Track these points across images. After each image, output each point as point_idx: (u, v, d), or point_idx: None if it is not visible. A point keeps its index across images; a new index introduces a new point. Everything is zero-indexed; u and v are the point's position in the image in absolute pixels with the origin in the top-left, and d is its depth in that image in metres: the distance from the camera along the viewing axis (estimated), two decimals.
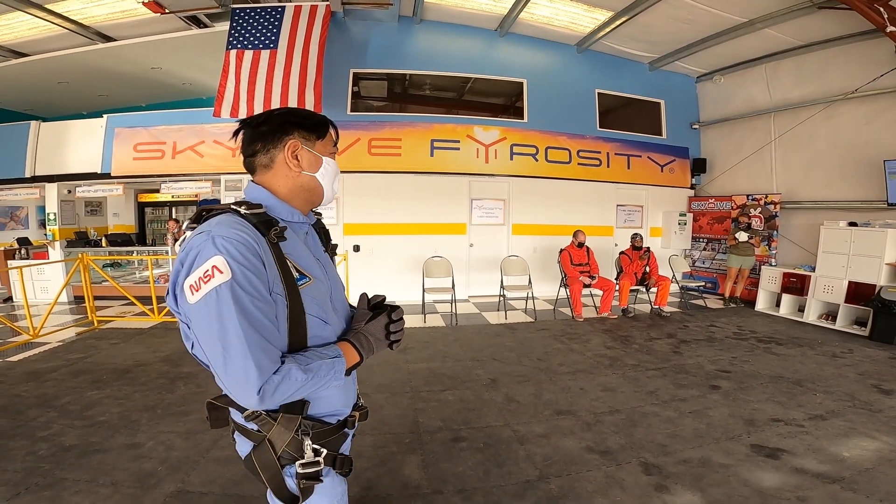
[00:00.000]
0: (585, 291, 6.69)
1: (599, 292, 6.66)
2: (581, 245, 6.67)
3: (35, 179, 7.52)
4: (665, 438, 2.93)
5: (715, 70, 8.40)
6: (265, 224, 0.98)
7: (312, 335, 1.03)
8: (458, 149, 7.62)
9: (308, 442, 1.06)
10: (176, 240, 7.34)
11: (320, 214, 1.30)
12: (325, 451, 1.09)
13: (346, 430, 1.17)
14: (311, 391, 0.99)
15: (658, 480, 2.46)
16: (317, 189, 1.13)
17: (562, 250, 6.72)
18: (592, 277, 6.49)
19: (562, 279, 6.75)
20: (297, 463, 1.05)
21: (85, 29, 6.65)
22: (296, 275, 1.01)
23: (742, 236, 7.04)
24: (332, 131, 1.16)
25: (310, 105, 6.21)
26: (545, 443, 2.89)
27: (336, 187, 1.18)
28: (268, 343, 0.91)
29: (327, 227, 1.33)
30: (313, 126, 1.11)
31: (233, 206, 1.00)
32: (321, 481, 1.08)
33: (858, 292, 5.68)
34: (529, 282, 6.71)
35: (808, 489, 2.36)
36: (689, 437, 2.94)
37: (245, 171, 1.11)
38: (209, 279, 0.87)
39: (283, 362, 0.93)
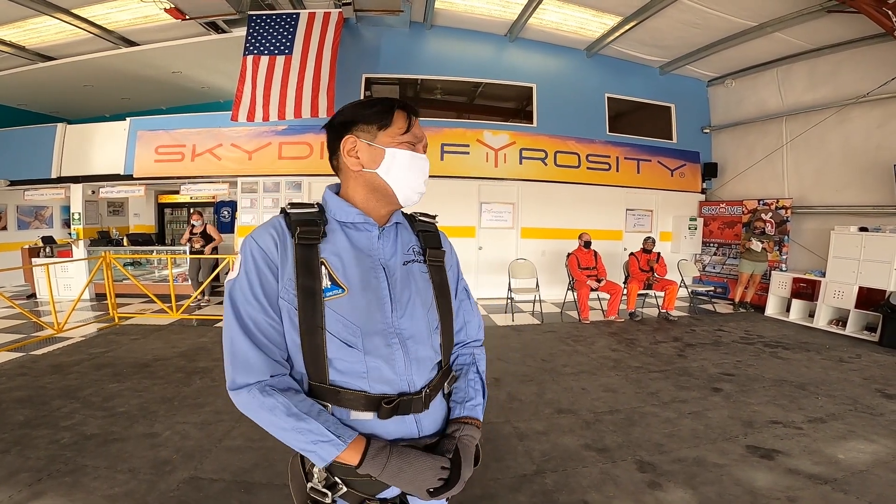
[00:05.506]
0: (593, 295, 6.72)
1: (607, 296, 6.70)
2: (588, 245, 6.71)
3: (61, 180, 7.79)
4: (662, 438, 2.99)
5: (726, 74, 8.38)
6: (299, 223, 0.93)
7: (334, 357, 0.90)
8: (467, 153, 7.72)
9: (319, 468, 0.92)
10: (193, 230, 7.18)
11: (432, 217, 1.17)
12: (343, 487, 0.91)
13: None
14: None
15: (652, 478, 2.52)
16: (384, 187, 0.98)
17: (569, 254, 6.77)
18: (600, 281, 6.52)
19: (569, 283, 6.80)
20: (309, 485, 0.93)
21: (109, 33, 6.90)
22: (327, 283, 0.90)
23: (757, 246, 6.98)
24: (401, 114, 0.97)
25: (322, 109, 6.36)
26: (544, 439, 2.97)
27: (416, 181, 0.98)
28: (253, 351, 0.87)
29: (437, 230, 1.16)
30: (374, 115, 0.96)
31: (288, 204, 0.99)
32: None
33: (869, 298, 5.64)
34: (537, 285, 6.76)
35: (799, 489, 2.40)
36: (687, 437, 2.99)
37: (260, 174, 1.09)
38: (229, 274, 0.96)
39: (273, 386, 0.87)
